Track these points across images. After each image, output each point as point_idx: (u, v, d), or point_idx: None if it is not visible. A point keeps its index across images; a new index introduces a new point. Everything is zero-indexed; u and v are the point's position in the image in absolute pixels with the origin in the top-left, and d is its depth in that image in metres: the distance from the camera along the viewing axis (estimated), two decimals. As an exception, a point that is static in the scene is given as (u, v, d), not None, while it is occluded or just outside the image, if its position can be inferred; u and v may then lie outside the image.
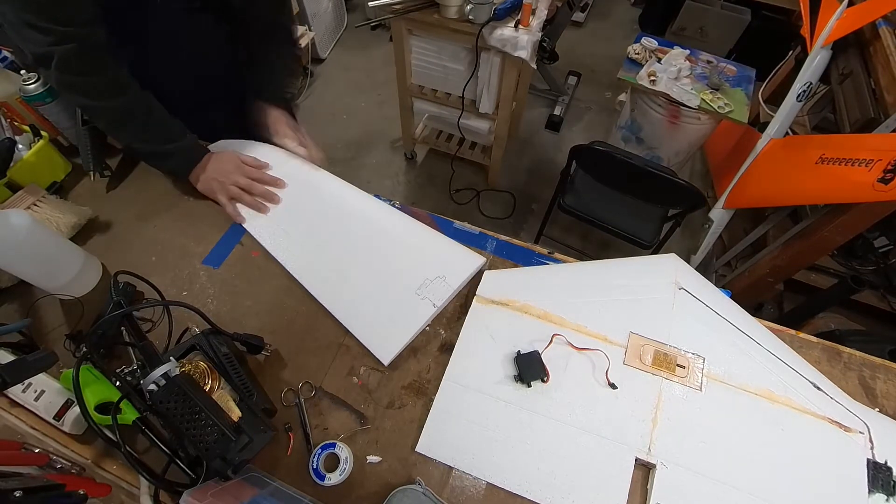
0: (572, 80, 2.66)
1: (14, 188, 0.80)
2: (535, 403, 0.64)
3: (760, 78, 1.85)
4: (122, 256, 0.79)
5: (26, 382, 0.61)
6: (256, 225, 0.82)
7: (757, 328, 0.71)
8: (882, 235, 1.42)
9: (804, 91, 1.32)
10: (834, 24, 1.25)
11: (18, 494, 0.44)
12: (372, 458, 0.61)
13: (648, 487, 0.59)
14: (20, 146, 0.82)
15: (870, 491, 0.59)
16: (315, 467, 0.59)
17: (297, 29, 2.46)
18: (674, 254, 0.78)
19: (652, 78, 1.76)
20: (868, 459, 0.61)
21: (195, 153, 0.83)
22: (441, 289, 0.73)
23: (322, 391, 0.66)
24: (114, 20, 0.71)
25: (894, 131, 1.16)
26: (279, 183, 0.86)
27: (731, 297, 0.74)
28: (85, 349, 0.58)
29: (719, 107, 1.69)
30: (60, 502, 0.50)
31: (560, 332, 0.69)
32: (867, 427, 0.63)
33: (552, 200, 1.70)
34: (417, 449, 0.61)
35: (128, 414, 0.56)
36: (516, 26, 1.47)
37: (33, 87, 0.80)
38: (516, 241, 0.83)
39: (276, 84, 0.94)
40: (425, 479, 0.59)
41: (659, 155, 2.02)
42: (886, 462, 0.61)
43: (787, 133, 1.43)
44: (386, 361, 0.68)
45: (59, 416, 0.60)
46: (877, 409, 0.67)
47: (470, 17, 1.47)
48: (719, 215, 1.64)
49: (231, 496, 0.50)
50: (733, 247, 1.79)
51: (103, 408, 0.56)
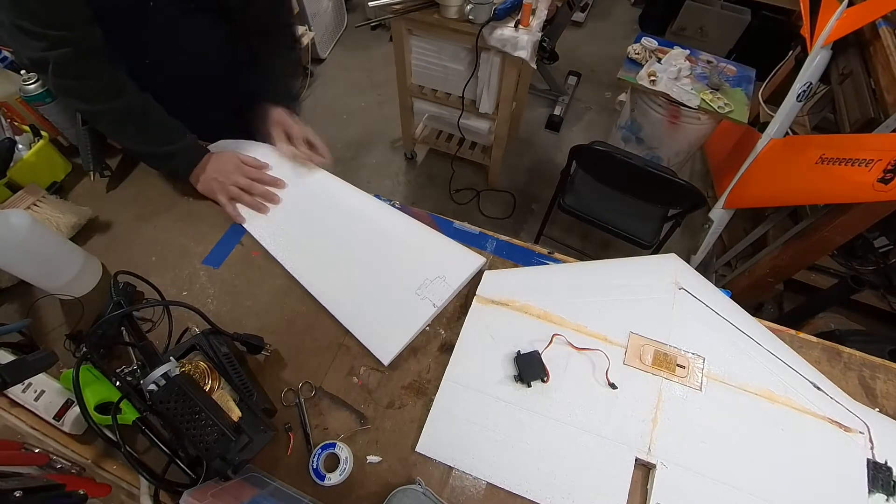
0: (572, 80, 2.66)
1: (14, 188, 0.80)
2: (535, 403, 0.64)
3: (760, 78, 1.85)
4: (122, 256, 0.79)
5: (26, 382, 0.61)
6: (256, 225, 0.82)
7: (757, 328, 0.71)
8: (882, 235, 1.42)
9: (804, 91, 1.32)
10: (834, 24, 1.25)
11: (18, 494, 0.44)
12: (372, 458, 0.61)
13: (648, 487, 0.59)
14: (20, 146, 0.83)
15: (870, 491, 0.59)
16: (315, 467, 0.59)
17: (298, 29, 2.46)
18: (674, 254, 0.78)
19: (652, 78, 1.76)
20: (868, 459, 0.61)
21: (195, 153, 0.83)
22: (441, 289, 0.73)
23: (322, 391, 0.66)
24: (109, 23, 0.70)
25: (894, 131, 1.16)
26: (279, 183, 0.86)
27: (731, 297, 0.74)
28: (85, 349, 0.58)
29: (719, 107, 1.69)
30: (60, 502, 0.50)
31: (560, 332, 0.69)
32: (867, 427, 0.63)
33: (552, 200, 1.70)
34: (417, 449, 0.61)
35: (128, 414, 0.56)
36: (516, 26, 1.47)
37: (33, 87, 0.80)
38: (516, 241, 0.83)
39: (278, 85, 0.94)
40: (425, 479, 0.59)
41: (659, 155, 2.02)
42: (886, 462, 0.61)
43: (787, 133, 1.43)
44: (386, 361, 0.68)
45: (59, 416, 0.60)
46: (877, 409, 0.67)
47: (470, 17, 1.47)
48: (719, 215, 1.64)
49: (231, 496, 0.50)
50: (733, 247, 1.79)
51: (103, 408, 0.56)
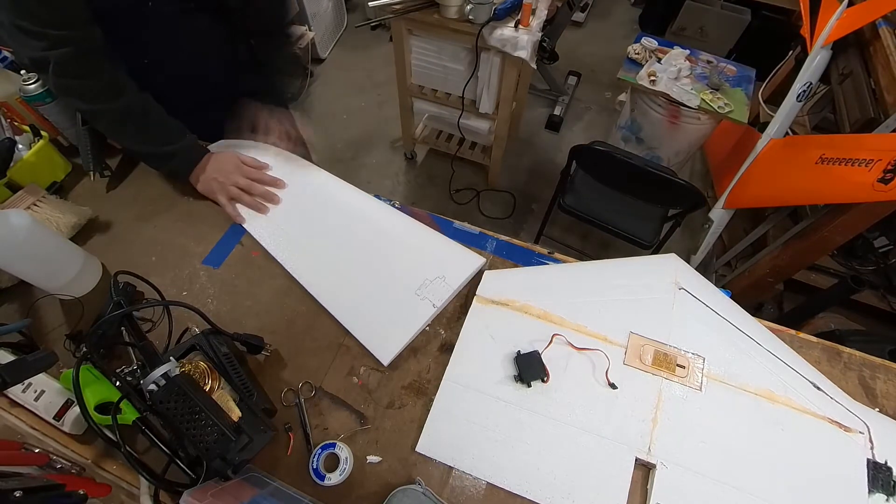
0: (572, 80, 2.66)
1: (14, 188, 0.80)
2: (535, 403, 0.64)
3: (760, 78, 1.85)
4: (122, 256, 0.79)
5: (26, 382, 0.61)
6: (256, 225, 0.82)
7: (757, 328, 0.71)
8: (882, 235, 1.42)
9: (804, 91, 1.32)
10: (834, 24, 1.25)
11: (18, 494, 0.44)
12: (372, 458, 0.61)
13: (648, 487, 0.59)
14: (20, 146, 0.83)
15: (870, 491, 0.59)
16: (315, 467, 0.59)
17: (298, 29, 2.46)
18: (674, 254, 0.78)
19: (652, 78, 1.76)
20: (868, 459, 0.61)
21: (195, 153, 0.83)
22: (441, 289, 0.73)
23: (322, 391, 0.66)
24: (108, 23, 0.71)
25: (894, 131, 1.16)
26: (279, 183, 0.86)
27: (731, 297, 0.74)
28: (85, 349, 0.58)
29: (719, 107, 1.69)
30: (60, 502, 0.50)
31: (560, 332, 0.69)
32: (867, 427, 0.63)
33: (552, 200, 1.70)
34: (417, 449, 0.61)
35: (128, 414, 0.56)
36: (516, 26, 1.47)
37: (33, 87, 0.80)
38: (516, 241, 0.83)
39: (272, 85, 0.94)
40: (425, 479, 0.59)
41: (659, 155, 2.02)
42: (886, 462, 0.61)
43: (787, 133, 1.43)
44: (385, 362, 0.68)
45: (59, 416, 0.60)
46: (877, 409, 0.67)
47: (470, 17, 1.47)
48: (719, 215, 1.64)
49: (231, 496, 0.50)
50: (733, 247, 1.79)
51: (103, 408, 0.56)
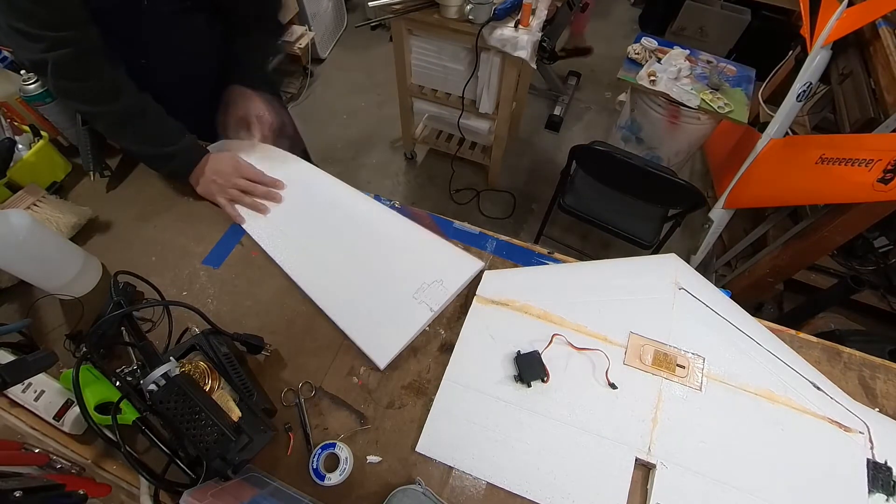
0: (572, 80, 2.66)
1: (14, 188, 0.80)
2: (535, 403, 0.64)
3: (760, 78, 1.85)
4: (122, 256, 0.79)
5: (26, 382, 0.61)
6: (255, 226, 0.82)
7: (757, 328, 0.71)
8: (882, 235, 1.43)
9: (804, 91, 1.32)
10: (834, 24, 1.25)
11: (18, 494, 0.44)
12: (372, 458, 0.61)
13: (648, 487, 0.59)
14: (20, 146, 0.83)
15: (870, 491, 0.59)
16: (315, 467, 0.59)
17: (298, 29, 2.46)
18: (674, 254, 0.78)
19: (652, 78, 1.76)
20: (868, 459, 0.61)
21: (194, 154, 0.82)
22: (438, 293, 0.73)
23: (322, 391, 0.66)
24: (105, 23, 0.70)
25: (894, 131, 1.16)
26: (278, 184, 0.86)
27: (731, 297, 0.74)
28: (85, 349, 0.58)
29: (719, 107, 1.69)
30: (60, 502, 0.50)
31: (560, 332, 0.69)
32: (867, 427, 0.63)
33: (552, 200, 1.70)
34: (417, 449, 0.61)
35: (128, 414, 0.56)
36: (516, 26, 1.47)
37: (33, 87, 0.80)
38: (516, 241, 0.83)
39: (255, 67, 0.92)
40: (425, 479, 0.59)
41: (659, 155, 2.02)
42: (886, 462, 0.61)
43: (787, 133, 1.43)
44: (382, 365, 0.68)
45: (59, 416, 0.60)
46: (877, 409, 0.67)
47: (470, 17, 1.47)
48: (719, 215, 1.64)
49: (231, 496, 0.50)
50: (733, 247, 1.79)
51: (103, 408, 0.56)
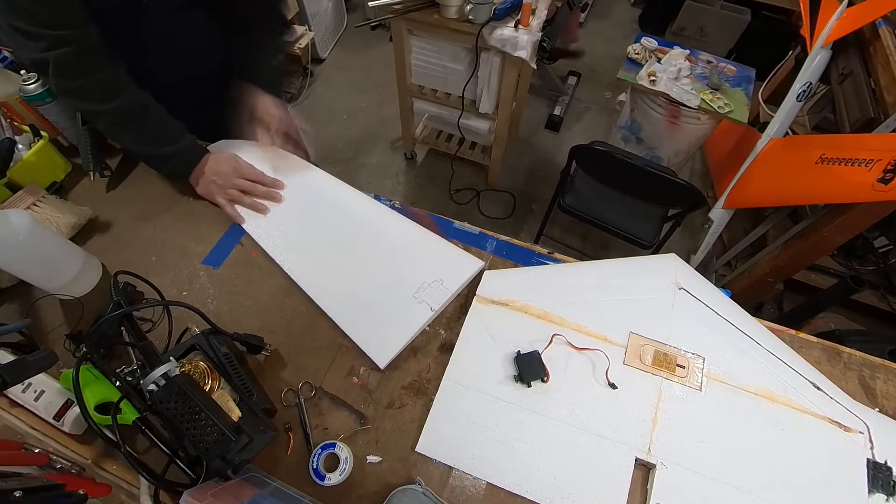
0: (572, 80, 2.66)
1: (14, 188, 0.80)
2: (535, 403, 0.64)
3: (760, 78, 1.85)
4: (122, 256, 0.79)
5: (26, 382, 0.61)
6: (255, 226, 0.82)
7: (757, 328, 0.71)
8: (882, 235, 1.43)
9: (804, 91, 1.32)
10: (834, 24, 1.25)
11: (18, 494, 0.44)
12: (372, 458, 0.61)
13: (648, 487, 0.59)
14: (20, 146, 0.82)
15: (870, 491, 0.59)
16: (315, 467, 0.59)
17: (298, 29, 2.46)
18: (674, 254, 0.78)
19: (652, 78, 1.76)
20: (868, 459, 0.61)
21: (194, 154, 0.82)
22: (439, 292, 0.73)
23: (322, 391, 0.66)
24: (105, 22, 0.70)
25: (894, 131, 1.16)
26: (278, 184, 0.86)
27: (731, 297, 0.74)
28: (85, 349, 0.58)
29: (719, 107, 1.69)
30: (60, 502, 0.50)
31: (560, 332, 0.69)
32: (867, 427, 0.63)
33: (552, 200, 1.70)
34: (417, 449, 0.61)
35: (128, 414, 0.56)
36: (516, 26, 1.47)
37: (33, 87, 0.80)
38: (516, 241, 0.83)
39: (265, 69, 0.91)
40: (425, 479, 0.59)
41: (659, 155, 2.02)
42: (886, 462, 0.61)
43: (787, 133, 1.43)
44: (382, 365, 0.68)
45: (59, 416, 0.60)
46: (877, 409, 0.67)
47: (470, 17, 1.47)
48: (719, 215, 1.64)
49: (231, 496, 0.50)
50: (733, 247, 1.79)
51: (103, 408, 0.56)
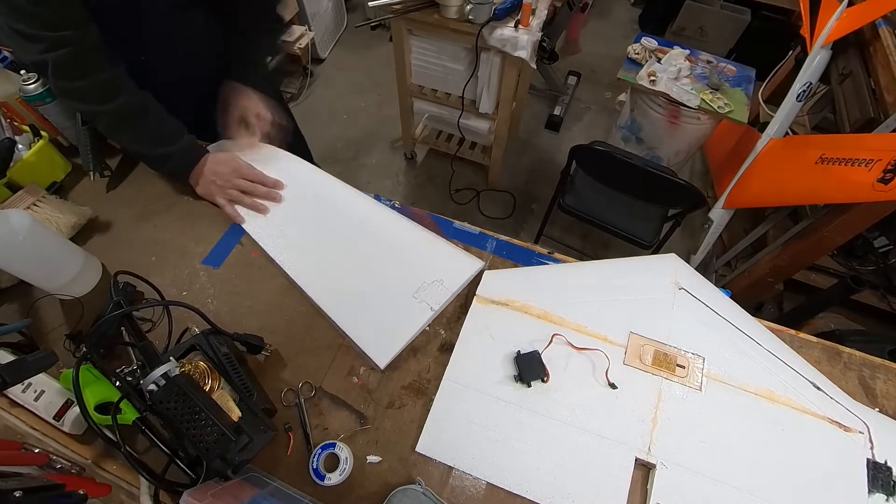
0: (572, 80, 2.66)
1: (14, 188, 0.80)
2: (535, 403, 0.64)
3: (760, 78, 1.85)
4: (122, 256, 0.79)
5: (26, 382, 0.61)
6: (255, 226, 0.82)
7: (757, 328, 0.71)
8: (882, 235, 1.42)
9: (804, 91, 1.32)
10: (834, 24, 1.25)
11: (18, 494, 0.44)
12: (372, 458, 0.61)
13: (648, 487, 0.59)
14: (20, 146, 0.82)
15: (870, 491, 0.59)
16: (315, 467, 0.59)
17: (298, 29, 2.46)
18: (674, 254, 0.78)
19: (652, 78, 1.76)
20: (868, 459, 0.61)
21: (194, 154, 0.82)
22: (438, 292, 0.73)
23: (322, 391, 0.66)
24: (104, 22, 0.70)
25: (894, 131, 1.16)
26: (278, 184, 0.85)
27: (731, 297, 0.74)
28: (85, 349, 0.58)
29: (719, 107, 1.69)
30: (60, 502, 0.50)
31: (560, 332, 0.69)
32: (867, 427, 0.63)
33: (552, 200, 1.70)
34: (417, 449, 0.61)
35: (128, 414, 0.56)
36: (516, 26, 1.47)
37: (33, 87, 0.80)
38: (516, 241, 0.83)
39: (256, 65, 0.90)
40: (425, 479, 0.59)
41: (659, 155, 2.02)
42: (886, 462, 0.61)
43: (787, 133, 1.43)
44: (382, 365, 0.68)
45: (59, 416, 0.60)
46: (877, 409, 0.67)
47: (470, 17, 1.47)
48: (719, 215, 1.64)
49: (231, 496, 0.50)
50: (733, 247, 1.79)
51: (103, 408, 0.56)
